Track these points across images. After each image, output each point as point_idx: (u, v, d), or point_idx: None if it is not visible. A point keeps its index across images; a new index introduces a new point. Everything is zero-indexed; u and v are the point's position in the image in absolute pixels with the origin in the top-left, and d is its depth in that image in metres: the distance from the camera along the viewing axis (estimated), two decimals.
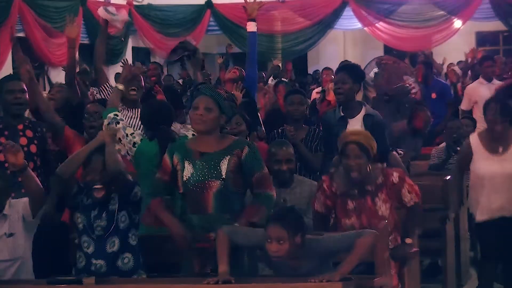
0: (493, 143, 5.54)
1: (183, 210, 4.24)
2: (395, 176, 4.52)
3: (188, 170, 4.08)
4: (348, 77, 5.52)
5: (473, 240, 7.50)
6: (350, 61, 10.04)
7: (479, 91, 9.30)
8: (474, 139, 5.66)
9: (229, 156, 4.06)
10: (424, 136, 7.94)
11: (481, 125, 9.05)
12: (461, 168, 5.79)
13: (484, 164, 5.50)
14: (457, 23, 15.47)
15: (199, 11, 16.01)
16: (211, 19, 16.07)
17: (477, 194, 5.58)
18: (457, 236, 6.61)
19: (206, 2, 15.92)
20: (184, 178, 4.08)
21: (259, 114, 7.29)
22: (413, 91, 7.47)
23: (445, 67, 12.95)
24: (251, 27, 5.65)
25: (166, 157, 4.18)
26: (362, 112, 5.53)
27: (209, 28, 16.21)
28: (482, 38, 18.50)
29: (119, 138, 4.78)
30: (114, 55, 13.42)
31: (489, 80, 9.47)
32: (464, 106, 9.51)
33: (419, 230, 5.26)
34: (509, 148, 5.50)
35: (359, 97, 6.15)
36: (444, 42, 15.41)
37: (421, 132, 7.60)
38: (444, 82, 10.93)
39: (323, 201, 4.52)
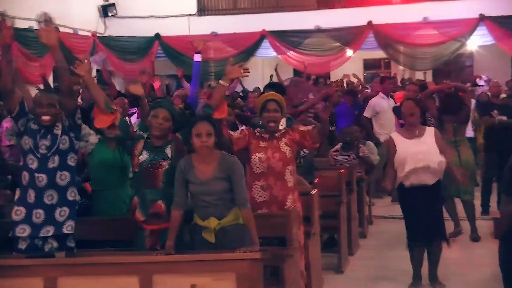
0: (410, 131, 5.63)
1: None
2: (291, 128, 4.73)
3: (143, 156, 4.13)
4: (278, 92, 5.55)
5: (361, 218, 7.65)
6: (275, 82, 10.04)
7: (380, 104, 9.48)
8: (395, 135, 5.76)
9: (170, 144, 4.15)
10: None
11: (381, 130, 9.29)
12: (390, 159, 5.72)
13: (406, 147, 5.54)
14: (349, 52, 15.64)
15: (149, 41, 15.89)
16: (159, 48, 16.00)
17: (402, 172, 5.56)
18: (349, 216, 6.68)
19: (155, 35, 15.83)
20: (140, 161, 4.13)
21: None
22: (317, 105, 7.54)
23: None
24: (197, 57, 5.67)
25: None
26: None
27: (158, 55, 16.13)
28: (368, 64, 18.82)
29: None
30: None
31: (387, 95, 9.64)
32: (367, 114, 9.58)
33: (319, 211, 5.36)
34: (423, 134, 5.58)
35: None
36: (339, 67, 15.59)
37: None
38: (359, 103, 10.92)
39: (241, 141, 4.60)
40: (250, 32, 15.53)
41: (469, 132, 10.40)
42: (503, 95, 10.69)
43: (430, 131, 5.66)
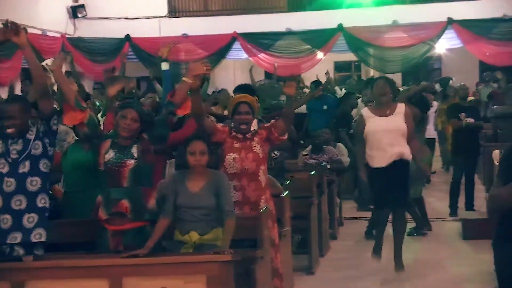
0: (381, 110, 5.77)
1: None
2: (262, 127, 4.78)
3: (109, 154, 4.11)
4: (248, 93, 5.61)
5: (331, 220, 7.70)
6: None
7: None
8: (365, 111, 5.91)
9: (137, 144, 4.13)
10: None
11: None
12: (359, 135, 5.91)
13: (377, 124, 5.71)
14: (320, 54, 15.71)
15: (119, 43, 15.77)
16: (130, 49, 15.90)
17: (373, 149, 5.75)
18: (320, 217, 6.71)
19: (125, 36, 15.72)
20: (106, 159, 4.11)
21: None
22: None
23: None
24: (164, 66, 5.65)
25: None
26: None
27: (128, 57, 16.00)
28: (339, 66, 18.95)
29: None
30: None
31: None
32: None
33: (291, 213, 5.40)
34: (394, 112, 5.75)
35: None
36: (310, 69, 15.66)
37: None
38: (332, 97, 11.06)
39: (220, 134, 4.65)
40: (221, 34, 15.51)
41: (432, 133, 10.60)
42: (471, 98, 10.90)
43: (400, 108, 5.77)
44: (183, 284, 3.60)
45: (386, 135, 5.68)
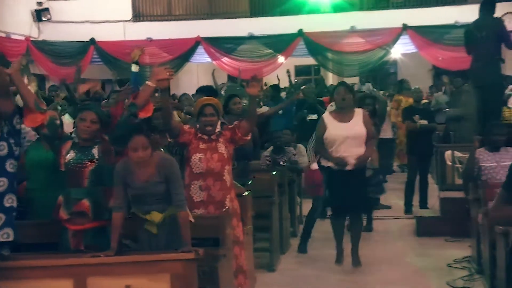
0: (341, 115, 5.84)
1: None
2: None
3: (70, 155, 4.07)
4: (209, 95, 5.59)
5: (292, 218, 7.73)
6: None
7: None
8: (326, 116, 5.96)
9: (98, 145, 4.10)
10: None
11: None
12: (320, 137, 5.95)
13: (337, 130, 5.78)
14: (281, 58, 15.81)
15: (84, 46, 15.61)
16: (94, 53, 15.72)
17: (332, 153, 5.80)
18: (281, 216, 6.73)
19: (90, 40, 15.55)
20: (66, 160, 4.06)
21: None
22: None
23: None
24: (134, 68, 5.62)
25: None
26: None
27: (93, 60, 15.86)
28: (299, 70, 19.06)
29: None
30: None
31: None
32: None
33: (252, 212, 5.41)
34: (353, 117, 5.83)
35: None
36: (272, 73, 15.72)
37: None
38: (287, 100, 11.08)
39: (187, 135, 4.65)
40: (185, 38, 15.48)
41: (388, 133, 10.73)
42: (425, 101, 11.09)
43: (359, 113, 5.87)
44: (147, 282, 3.56)
45: (346, 141, 5.75)
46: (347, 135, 5.74)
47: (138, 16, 16.44)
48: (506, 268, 4.56)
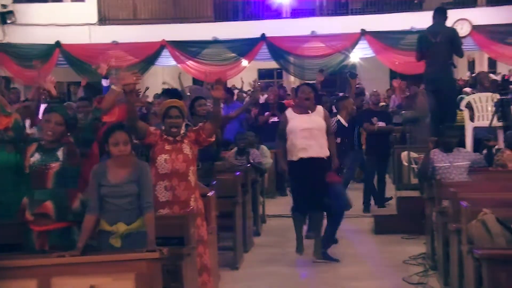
0: (303, 109, 5.98)
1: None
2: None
3: (35, 157, 4.01)
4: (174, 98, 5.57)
5: (255, 218, 7.74)
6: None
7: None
8: (288, 112, 6.12)
9: (62, 147, 4.05)
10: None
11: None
12: (281, 132, 6.07)
13: (298, 122, 5.91)
14: (244, 62, 15.84)
15: (50, 49, 15.37)
16: (60, 55, 15.50)
17: (294, 145, 5.92)
18: (244, 215, 6.73)
19: (55, 42, 15.32)
20: (31, 162, 4.00)
21: None
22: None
23: None
24: (105, 82, 5.60)
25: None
26: None
27: (59, 62, 15.63)
28: (262, 73, 19.13)
29: None
30: None
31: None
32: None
33: (216, 212, 5.40)
34: (314, 112, 5.98)
35: None
36: (235, 76, 15.72)
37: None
38: (239, 103, 11.11)
39: (153, 136, 4.63)
40: (151, 42, 15.37)
41: None
42: (382, 103, 11.23)
43: (319, 110, 6.01)
44: (111, 281, 3.52)
45: (307, 132, 5.89)
46: (307, 126, 5.89)
47: (103, 19, 16.25)
48: (458, 264, 4.66)
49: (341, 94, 12.65)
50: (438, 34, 7.76)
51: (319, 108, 6.09)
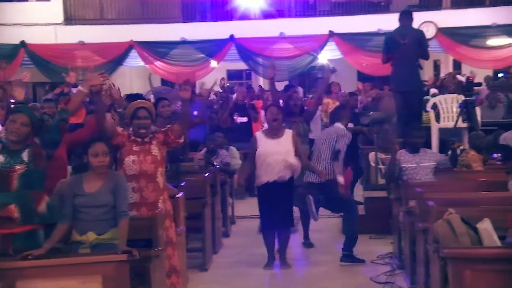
0: (272, 133, 5.94)
1: None
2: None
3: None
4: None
5: (224, 219, 7.73)
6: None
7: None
8: (258, 134, 6.07)
9: (28, 149, 4.00)
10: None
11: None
12: (251, 156, 6.03)
13: (267, 146, 5.88)
14: (213, 63, 15.80)
15: (14, 49, 15.11)
16: (25, 55, 15.24)
17: (262, 168, 5.90)
18: (213, 216, 6.72)
19: (20, 42, 15.07)
20: None
21: None
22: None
23: None
24: (75, 91, 5.56)
25: None
26: None
27: (24, 62, 15.36)
28: (231, 74, 19.12)
29: None
30: None
31: None
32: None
33: (185, 213, 5.38)
34: (283, 136, 5.94)
35: None
36: (204, 77, 15.68)
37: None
38: (201, 102, 11.10)
39: (120, 137, 4.60)
40: (118, 42, 15.23)
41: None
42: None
43: (288, 133, 5.98)
44: (79, 284, 3.49)
45: (275, 156, 5.86)
46: (276, 152, 5.85)
47: (69, 19, 16.04)
48: (425, 263, 4.73)
49: (310, 95, 12.75)
50: (406, 35, 7.86)
51: (289, 132, 6.05)
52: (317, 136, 7.24)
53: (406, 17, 8.03)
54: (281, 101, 7.43)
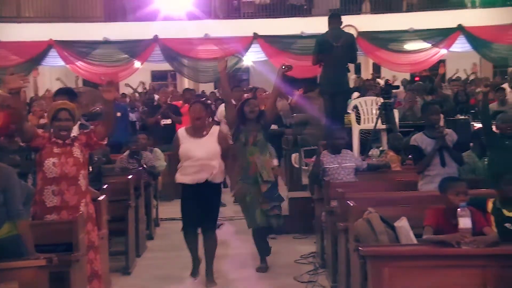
0: (197, 131, 5.66)
1: None
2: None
3: None
4: (68, 98, 5.28)
5: (148, 221, 7.64)
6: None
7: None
8: (180, 132, 5.75)
9: None
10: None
11: None
12: (175, 154, 5.74)
13: (191, 145, 5.59)
14: (137, 63, 15.61)
15: None
16: None
17: (185, 168, 5.59)
18: (137, 219, 6.62)
19: None
20: None
21: None
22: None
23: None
24: None
25: None
26: None
27: None
28: (156, 75, 18.93)
29: None
30: None
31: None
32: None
33: (107, 216, 5.28)
34: (207, 135, 5.64)
35: None
36: (128, 77, 15.45)
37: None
38: (123, 104, 11.01)
39: (40, 139, 4.48)
40: (37, 41, 14.76)
41: None
42: None
43: (214, 132, 5.72)
44: None
45: (199, 156, 5.59)
46: (199, 152, 5.57)
47: None
48: (346, 262, 4.85)
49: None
50: (339, 38, 8.02)
51: (215, 129, 5.76)
52: None
53: (335, 20, 8.19)
54: (233, 101, 6.79)
